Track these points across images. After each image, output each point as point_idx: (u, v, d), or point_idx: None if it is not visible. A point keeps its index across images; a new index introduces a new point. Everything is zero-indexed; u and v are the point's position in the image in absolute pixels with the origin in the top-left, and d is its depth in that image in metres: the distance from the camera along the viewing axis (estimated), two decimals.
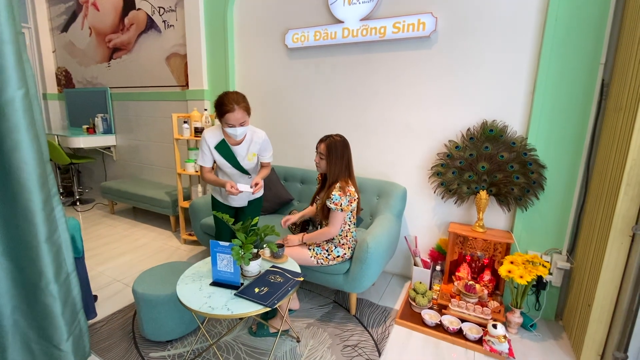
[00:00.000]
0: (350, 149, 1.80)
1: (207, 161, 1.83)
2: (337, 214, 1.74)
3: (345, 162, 1.76)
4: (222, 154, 1.81)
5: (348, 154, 1.78)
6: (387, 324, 1.91)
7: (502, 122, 1.98)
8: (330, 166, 1.75)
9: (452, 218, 2.25)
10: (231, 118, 1.65)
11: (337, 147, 1.74)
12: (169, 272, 1.81)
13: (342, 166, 1.75)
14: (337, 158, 1.73)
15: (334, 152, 1.73)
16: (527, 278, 1.72)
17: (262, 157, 1.94)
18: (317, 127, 2.63)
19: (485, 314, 1.84)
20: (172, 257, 2.70)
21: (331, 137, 1.76)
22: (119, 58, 3.81)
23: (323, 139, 1.78)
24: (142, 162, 3.94)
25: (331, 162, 1.74)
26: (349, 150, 1.79)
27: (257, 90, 2.87)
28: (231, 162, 1.83)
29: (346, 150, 1.77)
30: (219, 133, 1.80)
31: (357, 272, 1.79)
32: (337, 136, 1.77)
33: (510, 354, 1.67)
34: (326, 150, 1.75)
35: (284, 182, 2.66)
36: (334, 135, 1.77)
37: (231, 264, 1.42)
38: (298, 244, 1.86)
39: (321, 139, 1.79)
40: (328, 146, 1.74)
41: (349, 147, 1.79)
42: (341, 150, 1.75)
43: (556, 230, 1.93)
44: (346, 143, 1.78)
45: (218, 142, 1.79)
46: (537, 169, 1.89)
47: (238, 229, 1.48)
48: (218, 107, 1.67)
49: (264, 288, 1.41)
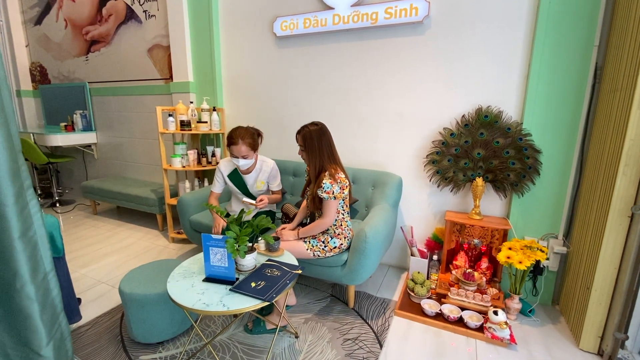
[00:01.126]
0: (330, 135, 1.73)
1: (216, 187, 2.10)
2: (330, 203, 1.68)
3: (325, 149, 1.70)
4: (234, 182, 2.07)
5: (327, 141, 1.71)
6: (387, 316, 1.87)
7: (497, 108, 1.96)
8: (311, 157, 1.70)
9: (447, 207, 2.22)
10: (234, 150, 1.91)
11: (312, 136, 1.67)
12: (157, 270, 1.71)
13: (322, 154, 1.69)
14: (316, 147, 1.68)
15: (311, 142, 1.68)
16: (526, 263, 1.71)
17: (271, 186, 2.11)
18: (307, 118, 2.53)
19: (484, 301, 1.82)
20: (160, 257, 2.58)
21: (306, 127, 1.71)
22: (97, 51, 3.64)
23: (299, 130, 1.73)
24: (125, 160, 3.78)
25: (311, 153, 1.69)
26: (328, 136, 1.72)
27: (245, 80, 2.77)
28: (242, 189, 2.07)
29: (324, 137, 1.70)
30: (232, 164, 2.05)
31: (355, 264, 1.73)
32: (311, 125, 1.71)
33: (512, 340, 1.65)
34: (303, 141, 1.70)
35: None
36: (309, 125, 1.71)
37: (225, 258, 1.35)
38: (293, 239, 1.79)
39: (298, 130, 1.74)
40: (304, 137, 1.69)
41: (328, 134, 1.72)
42: (317, 139, 1.68)
43: (552, 215, 1.93)
44: (323, 130, 1.71)
45: (231, 171, 2.06)
46: (533, 154, 1.88)
47: (231, 221, 1.40)
48: (227, 138, 1.92)
49: (261, 282, 1.34)
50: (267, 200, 1.94)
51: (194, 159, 2.76)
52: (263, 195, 1.96)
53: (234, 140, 1.88)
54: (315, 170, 1.70)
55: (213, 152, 2.81)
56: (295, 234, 1.78)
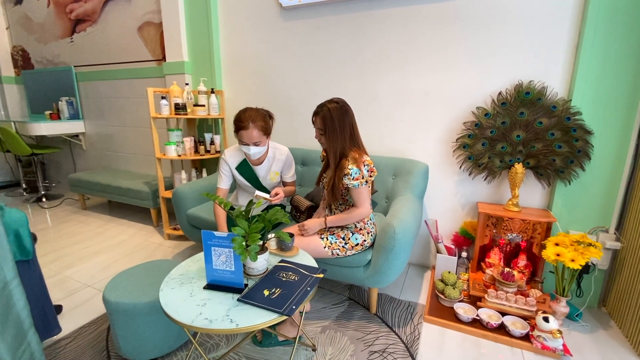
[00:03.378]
0: (352, 114, 1.46)
1: (223, 182, 1.75)
2: (362, 190, 1.43)
3: (348, 131, 1.43)
4: (244, 174, 1.76)
5: (350, 121, 1.44)
6: (415, 322, 1.63)
7: (540, 83, 1.70)
8: (331, 140, 1.43)
9: (478, 197, 1.98)
10: (244, 136, 1.58)
11: (332, 116, 1.40)
12: (149, 273, 1.46)
13: (344, 137, 1.42)
14: (337, 129, 1.41)
15: (331, 123, 1.41)
16: (579, 261, 1.47)
17: (284, 176, 1.82)
18: (318, 100, 2.27)
19: (529, 305, 1.58)
20: (154, 255, 2.33)
21: (325, 105, 1.43)
22: (83, 31, 3.32)
23: (317, 110, 1.46)
24: (116, 151, 3.50)
25: (331, 136, 1.42)
26: (351, 116, 1.45)
27: (246, 59, 2.49)
28: (253, 182, 1.77)
29: (346, 117, 1.43)
30: (239, 153, 1.74)
31: (381, 264, 1.49)
32: (331, 103, 1.44)
33: (566, 351, 1.42)
34: (322, 123, 1.43)
35: None
36: (328, 103, 1.44)
37: (231, 260, 1.09)
38: (318, 231, 1.54)
39: (315, 110, 1.47)
40: (323, 118, 1.42)
41: (350, 112, 1.46)
42: (339, 119, 1.41)
43: (602, 205, 1.69)
44: (345, 108, 1.44)
45: (239, 163, 1.74)
46: (583, 136, 1.63)
47: (238, 214, 1.15)
48: (235, 122, 1.61)
49: (276, 289, 1.09)
50: (283, 193, 1.67)
51: (190, 147, 2.48)
52: (278, 188, 1.68)
53: (244, 124, 1.56)
54: (336, 157, 1.44)
55: (212, 140, 2.54)
56: (322, 223, 1.52)
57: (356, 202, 1.45)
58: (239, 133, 1.59)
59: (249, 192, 1.84)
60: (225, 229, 1.64)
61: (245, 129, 1.56)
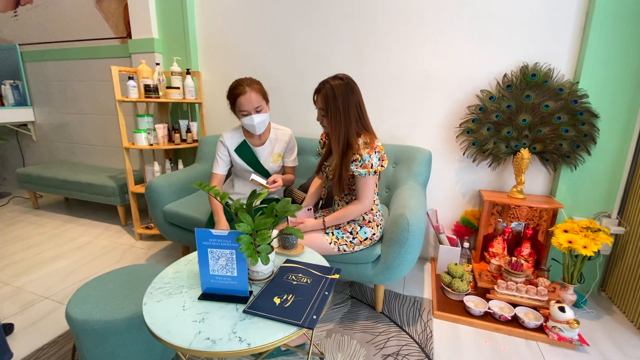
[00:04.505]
0: (359, 93, 1.28)
1: (220, 167, 1.57)
2: (368, 181, 1.27)
3: (354, 112, 1.25)
4: (244, 157, 1.57)
5: (356, 101, 1.26)
6: (425, 319, 1.53)
7: (546, 65, 1.63)
8: (334, 123, 1.24)
9: (480, 185, 1.90)
10: (243, 102, 1.41)
11: (335, 95, 1.22)
12: (124, 281, 1.22)
13: (349, 119, 1.24)
14: (340, 110, 1.22)
15: (334, 103, 1.22)
16: (592, 248, 1.42)
17: (286, 160, 1.65)
18: (308, 84, 2.10)
19: (541, 294, 1.52)
20: (124, 259, 2.05)
21: (327, 82, 1.24)
22: (29, 3, 2.87)
23: (318, 87, 1.27)
24: (73, 142, 3.09)
25: (334, 118, 1.23)
26: (357, 94, 1.26)
27: (226, 38, 2.24)
28: (254, 166, 1.59)
29: (351, 95, 1.24)
30: (238, 134, 1.58)
31: (393, 258, 1.35)
32: (335, 79, 1.24)
33: (583, 342, 1.37)
34: (324, 102, 1.24)
35: None
36: (331, 79, 1.25)
37: (233, 263, 0.90)
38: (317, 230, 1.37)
39: (316, 88, 1.28)
40: (325, 97, 1.23)
41: (357, 91, 1.27)
42: (344, 98, 1.22)
43: (605, 190, 1.67)
44: (350, 85, 1.25)
45: (239, 144, 1.57)
46: (589, 119, 1.58)
47: (238, 207, 0.95)
48: (230, 92, 1.45)
49: (288, 296, 0.92)
50: (282, 181, 1.48)
51: (163, 135, 2.20)
52: (276, 175, 1.50)
53: (240, 89, 1.41)
54: (340, 142, 1.26)
55: (188, 127, 2.28)
56: (320, 224, 1.36)
57: (359, 194, 1.30)
58: (238, 101, 1.42)
59: (246, 178, 1.61)
60: (224, 222, 1.43)
61: (243, 94, 1.40)
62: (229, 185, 1.69)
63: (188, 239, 1.80)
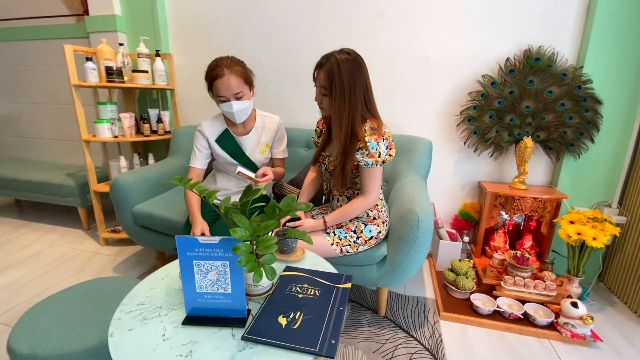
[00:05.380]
0: (367, 72, 1.11)
1: (198, 160, 1.35)
2: (375, 172, 1.12)
3: (360, 93, 1.08)
4: (226, 148, 1.36)
5: (364, 81, 1.09)
6: (432, 322, 1.42)
7: (550, 49, 1.55)
8: (338, 104, 1.07)
9: (479, 176, 1.82)
10: (221, 86, 1.20)
11: (341, 71, 1.04)
12: (86, 300, 1.00)
13: (356, 101, 1.07)
14: (345, 89, 1.05)
15: (340, 80, 1.04)
16: (602, 240, 1.37)
17: (275, 150, 1.44)
18: (295, 67, 1.92)
19: (549, 289, 1.45)
20: (88, 268, 1.78)
21: (332, 56, 1.07)
22: None
23: (321, 61, 1.10)
24: (24, 136, 2.71)
25: (339, 98, 1.06)
26: (365, 73, 1.10)
27: (201, 15, 2.00)
28: (239, 158, 1.38)
29: (359, 73, 1.07)
30: (219, 122, 1.37)
31: (401, 259, 1.22)
32: (341, 53, 1.07)
33: (596, 337, 1.31)
34: (327, 79, 1.06)
35: None
36: (337, 53, 1.07)
37: (227, 277, 0.72)
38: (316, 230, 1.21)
39: (318, 62, 1.11)
40: (329, 72, 1.05)
41: (365, 69, 1.10)
42: (351, 75, 1.05)
43: (606, 179, 1.63)
44: (359, 62, 1.08)
45: (220, 134, 1.36)
46: (593, 106, 1.53)
47: (229, 208, 0.76)
48: (207, 74, 1.23)
49: (295, 314, 0.75)
50: (272, 174, 1.29)
51: (130, 125, 1.94)
52: (265, 168, 1.30)
53: (218, 71, 1.18)
54: (343, 126, 1.10)
55: (159, 117, 2.02)
56: (321, 224, 1.19)
57: (364, 187, 1.14)
58: (214, 84, 1.20)
59: (231, 173, 1.42)
60: (200, 222, 1.22)
61: (221, 77, 1.18)
62: (211, 181, 1.48)
63: (163, 243, 1.57)
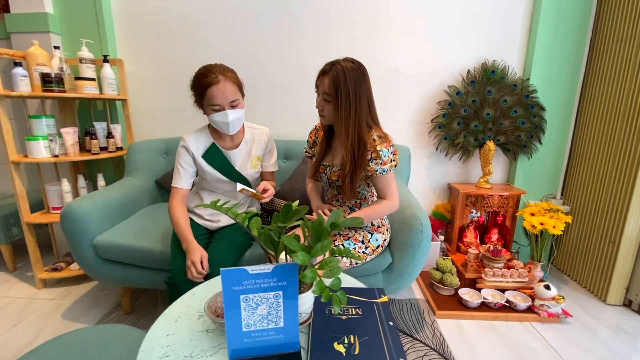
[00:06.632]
0: (370, 82, 1.12)
1: (183, 179, 1.22)
2: (392, 177, 1.14)
3: (365, 102, 1.09)
4: (214, 164, 1.24)
5: (368, 90, 1.10)
6: (429, 322, 1.46)
7: (502, 62, 1.76)
8: (343, 111, 1.07)
9: (448, 179, 1.96)
10: (216, 94, 1.10)
11: (347, 79, 1.04)
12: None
13: (361, 109, 1.08)
14: (350, 97, 1.05)
15: (345, 88, 1.04)
16: (560, 227, 1.58)
17: (265, 164, 1.35)
18: (268, 76, 1.85)
19: (522, 276, 1.62)
20: (28, 322, 1.44)
21: (338, 64, 1.06)
22: None
23: (325, 68, 1.09)
24: None
25: (343, 104, 1.06)
26: (368, 83, 1.11)
27: (157, 14, 1.81)
28: (228, 174, 1.25)
29: (363, 82, 1.08)
30: (204, 136, 1.25)
31: (407, 264, 1.24)
32: (346, 61, 1.07)
33: (567, 314, 1.49)
34: (333, 86, 1.05)
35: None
36: (342, 61, 1.07)
37: (279, 309, 0.64)
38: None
39: (322, 69, 1.10)
40: (335, 79, 1.05)
41: (368, 79, 1.11)
42: (356, 83, 1.05)
43: (551, 174, 1.89)
44: (363, 71, 1.09)
45: (207, 149, 1.23)
46: (539, 112, 1.76)
47: (263, 233, 0.68)
48: (197, 80, 1.12)
49: (349, 338, 0.70)
50: (273, 190, 1.19)
51: (73, 142, 1.65)
52: (265, 183, 1.21)
53: (212, 77, 1.08)
54: (350, 135, 1.08)
55: (109, 132, 1.76)
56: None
57: (384, 193, 1.15)
58: (208, 92, 1.10)
59: (217, 191, 1.30)
60: (196, 248, 1.08)
61: (216, 83, 1.09)
62: (195, 199, 1.33)
63: (133, 277, 1.35)
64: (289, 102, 1.88)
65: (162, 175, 1.74)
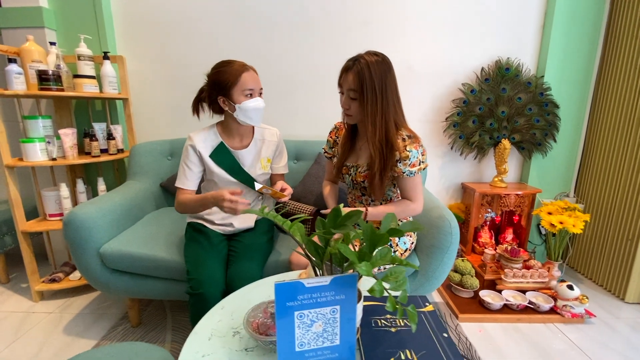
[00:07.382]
0: (395, 75, 1.06)
1: (189, 180, 1.16)
2: (419, 180, 1.08)
3: (392, 97, 1.03)
4: (222, 164, 1.18)
5: (394, 84, 1.04)
6: (454, 326, 1.42)
7: (516, 60, 1.73)
8: (370, 107, 1.00)
9: (461, 178, 1.92)
10: (249, 78, 1.08)
11: (372, 74, 0.98)
12: None
13: (388, 105, 1.02)
14: (377, 92, 0.99)
15: (371, 83, 0.98)
16: (580, 226, 1.55)
17: (275, 165, 1.29)
18: (277, 74, 1.78)
19: (543, 276, 1.59)
20: (28, 337, 1.34)
21: (362, 58, 1.00)
22: None
23: (348, 64, 1.03)
24: None
25: (370, 100, 1.00)
26: (394, 76, 1.04)
27: (159, 8, 1.72)
28: (237, 175, 1.20)
29: (390, 76, 1.02)
30: (212, 135, 1.19)
31: (435, 267, 1.19)
32: (369, 55, 1.01)
33: (590, 314, 1.47)
34: (357, 82, 0.99)
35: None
36: (366, 55, 1.01)
37: (336, 325, 0.58)
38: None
39: (345, 65, 1.04)
40: (359, 75, 0.99)
41: (394, 72, 1.05)
42: (382, 77, 0.99)
43: (565, 172, 1.88)
44: (389, 64, 1.03)
45: (215, 148, 1.18)
46: (553, 110, 1.75)
47: (307, 239, 0.62)
48: (222, 74, 1.07)
49: (406, 353, 0.64)
50: (291, 189, 1.12)
51: (72, 144, 1.54)
52: (282, 182, 1.14)
53: (239, 65, 1.09)
54: (377, 132, 1.02)
55: (109, 132, 1.66)
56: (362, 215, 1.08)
57: (409, 195, 1.09)
58: (242, 78, 1.07)
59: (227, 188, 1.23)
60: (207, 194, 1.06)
61: (247, 70, 1.09)
62: None
63: (144, 288, 1.27)
64: (299, 102, 1.81)
65: (168, 179, 1.65)
